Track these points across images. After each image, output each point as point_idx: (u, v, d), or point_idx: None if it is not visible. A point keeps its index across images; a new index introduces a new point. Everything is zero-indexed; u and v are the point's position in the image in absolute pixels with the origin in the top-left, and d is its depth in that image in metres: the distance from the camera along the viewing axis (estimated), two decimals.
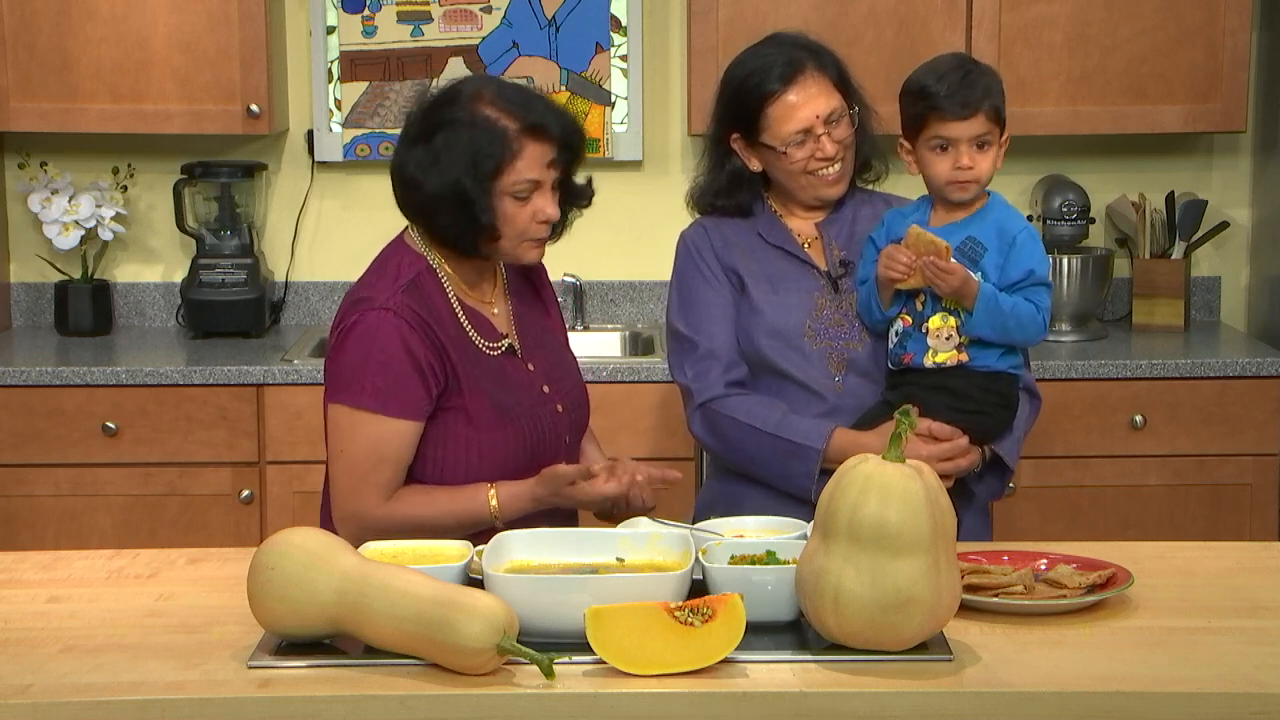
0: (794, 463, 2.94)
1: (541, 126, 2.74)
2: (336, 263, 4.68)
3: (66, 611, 2.47)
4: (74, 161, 4.56)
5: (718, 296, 3.06)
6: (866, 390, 3.00)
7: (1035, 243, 2.95)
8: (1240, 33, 4.32)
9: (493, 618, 2.17)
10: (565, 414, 2.91)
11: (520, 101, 2.76)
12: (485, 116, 2.72)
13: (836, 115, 3.00)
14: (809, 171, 3.02)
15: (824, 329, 3.02)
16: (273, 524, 4.08)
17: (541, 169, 2.75)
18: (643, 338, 4.55)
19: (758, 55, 3.07)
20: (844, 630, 2.24)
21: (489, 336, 2.85)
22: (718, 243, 3.09)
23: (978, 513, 3.07)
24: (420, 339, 2.74)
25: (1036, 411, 3.11)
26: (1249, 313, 4.71)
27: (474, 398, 2.79)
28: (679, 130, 4.63)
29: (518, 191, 2.74)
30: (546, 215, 2.78)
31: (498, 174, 2.72)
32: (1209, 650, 2.30)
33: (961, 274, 2.87)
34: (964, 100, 2.89)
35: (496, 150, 2.71)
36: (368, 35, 4.55)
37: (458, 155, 2.71)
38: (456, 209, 2.73)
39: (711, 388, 3.02)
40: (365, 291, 2.81)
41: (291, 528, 2.36)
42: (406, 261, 2.83)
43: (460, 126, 2.72)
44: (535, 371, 2.90)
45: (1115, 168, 4.66)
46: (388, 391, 2.72)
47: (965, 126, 2.90)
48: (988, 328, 2.90)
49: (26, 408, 4.09)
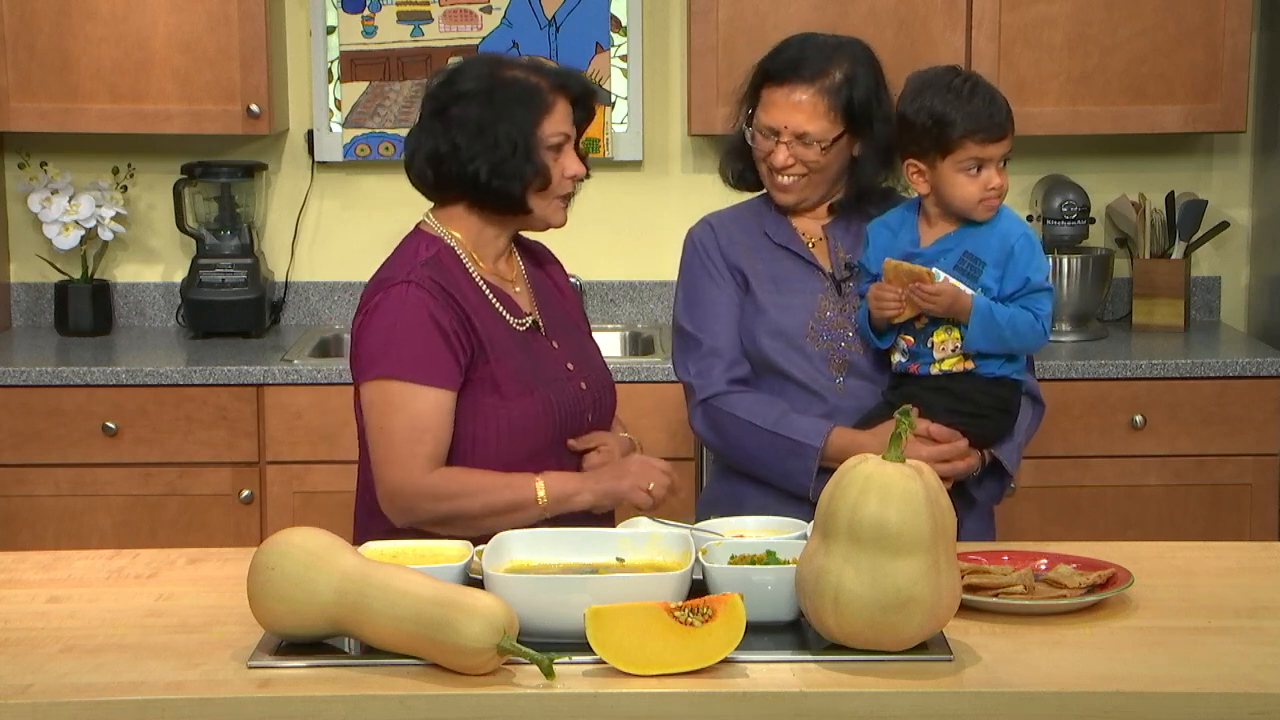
0: (792, 461, 2.94)
1: (564, 84, 2.85)
2: (336, 263, 4.69)
3: (66, 611, 2.47)
4: (74, 161, 4.56)
5: (722, 295, 3.06)
6: (867, 392, 3.00)
7: (1032, 248, 2.93)
8: (1240, 33, 4.32)
9: (493, 618, 2.17)
10: (589, 392, 2.93)
11: (534, 66, 2.87)
12: (513, 76, 2.82)
13: (812, 139, 2.97)
14: (768, 166, 3.02)
15: (826, 330, 3.02)
16: (273, 524, 4.08)
17: (569, 124, 2.85)
18: (643, 338, 4.55)
19: (791, 44, 3.04)
20: (844, 630, 2.24)
21: (514, 312, 2.88)
22: (724, 241, 3.09)
23: (981, 517, 3.06)
24: (445, 309, 2.77)
25: (1040, 417, 3.10)
26: (1249, 313, 4.71)
27: (500, 365, 2.81)
28: (679, 130, 4.63)
29: (554, 143, 2.81)
30: (574, 171, 2.85)
31: (537, 124, 2.80)
32: (1209, 650, 2.30)
33: (950, 293, 2.87)
34: (998, 122, 2.88)
35: (535, 102, 2.80)
36: (368, 35, 4.55)
37: (498, 111, 2.78)
38: (507, 161, 2.78)
39: (713, 385, 3.03)
40: (385, 273, 2.85)
41: (291, 528, 2.36)
42: (425, 243, 2.87)
43: (496, 88, 2.80)
44: (559, 350, 2.93)
45: (1115, 168, 4.66)
46: (419, 361, 2.74)
47: (999, 147, 2.89)
48: (984, 341, 2.89)
49: (26, 408, 4.09)
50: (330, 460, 4.11)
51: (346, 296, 4.68)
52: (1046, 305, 2.93)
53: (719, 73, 4.31)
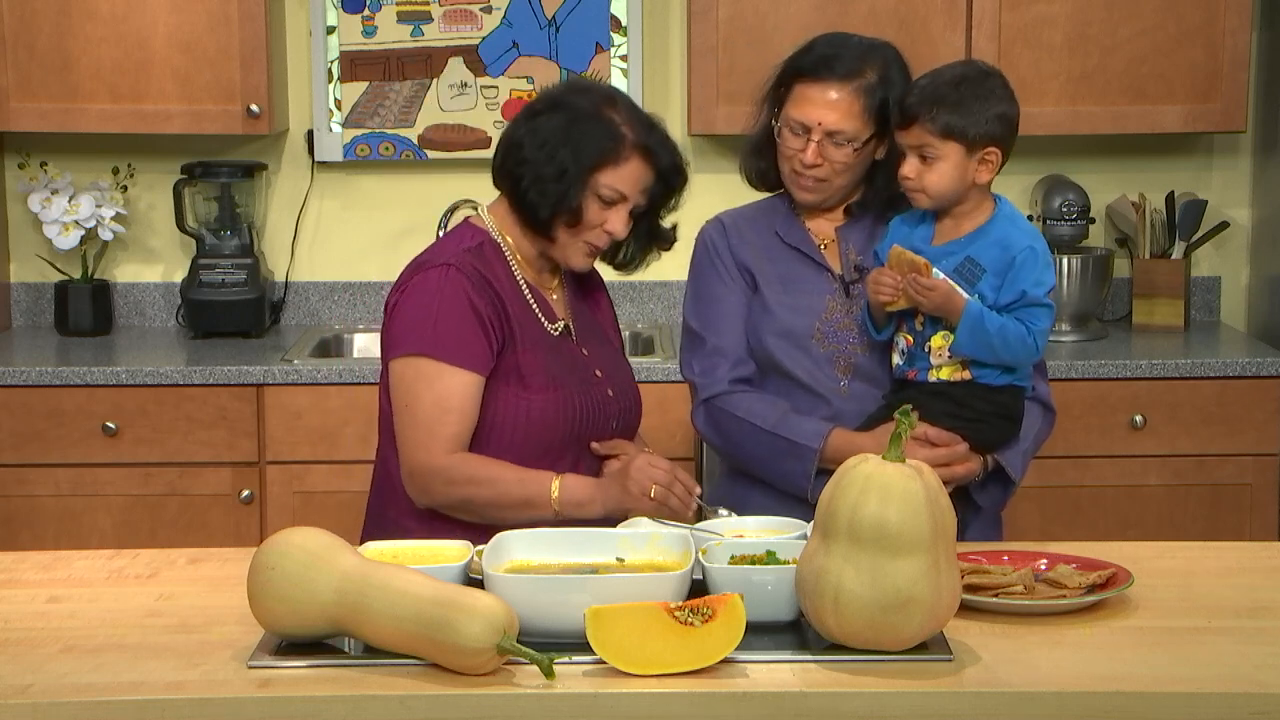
0: (791, 462, 2.94)
1: (653, 150, 2.84)
2: (336, 263, 4.69)
3: (66, 611, 2.47)
4: (74, 161, 4.56)
5: (730, 294, 3.07)
6: (870, 395, 3.00)
7: (1034, 263, 2.88)
8: (1240, 33, 4.32)
9: (493, 618, 2.17)
10: (615, 400, 2.94)
11: (646, 122, 2.87)
12: (611, 118, 2.83)
13: (844, 139, 2.96)
14: (793, 167, 3.02)
15: (832, 332, 3.02)
16: (273, 524, 4.08)
17: (635, 188, 2.84)
18: (643, 338, 4.55)
19: (822, 41, 3.02)
20: (844, 630, 2.24)
21: (548, 315, 2.91)
22: (734, 240, 3.09)
23: (988, 523, 3.05)
24: (481, 294, 2.80)
25: (1050, 425, 3.08)
26: (1249, 313, 4.71)
27: (528, 356, 2.83)
28: (679, 130, 4.62)
29: (606, 195, 2.82)
30: (613, 229, 2.85)
31: (598, 169, 2.80)
32: (1209, 650, 2.30)
33: (944, 290, 2.85)
34: (904, 107, 2.87)
35: (607, 147, 2.80)
36: (368, 35, 4.55)
37: (572, 136, 2.80)
38: (549, 182, 2.80)
39: (716, 384, 3.03)
40: (426, 256, 2.88)
41: (291, 528, 2.36)
42: (470, 234, 2.90)
43: (584, 114, 2.82)
44: (589, 356, 2.95)
45: (1115, 168, 4.66)
46: (450, 341, 2.77)
47: (904, 135, 2.87)
48: (971, 347, 2.87)
49: (26, 408, 4.09)
50: (330, 460, 4.11)
51: (346, 296, 4.68)
52: (1043, 321, 2.88)
53: (719, 73, 4.32)
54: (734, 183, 3.20)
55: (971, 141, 2.85)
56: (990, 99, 2.87)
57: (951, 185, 2.87)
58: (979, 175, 2.88)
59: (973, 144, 2.85)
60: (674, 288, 4.65)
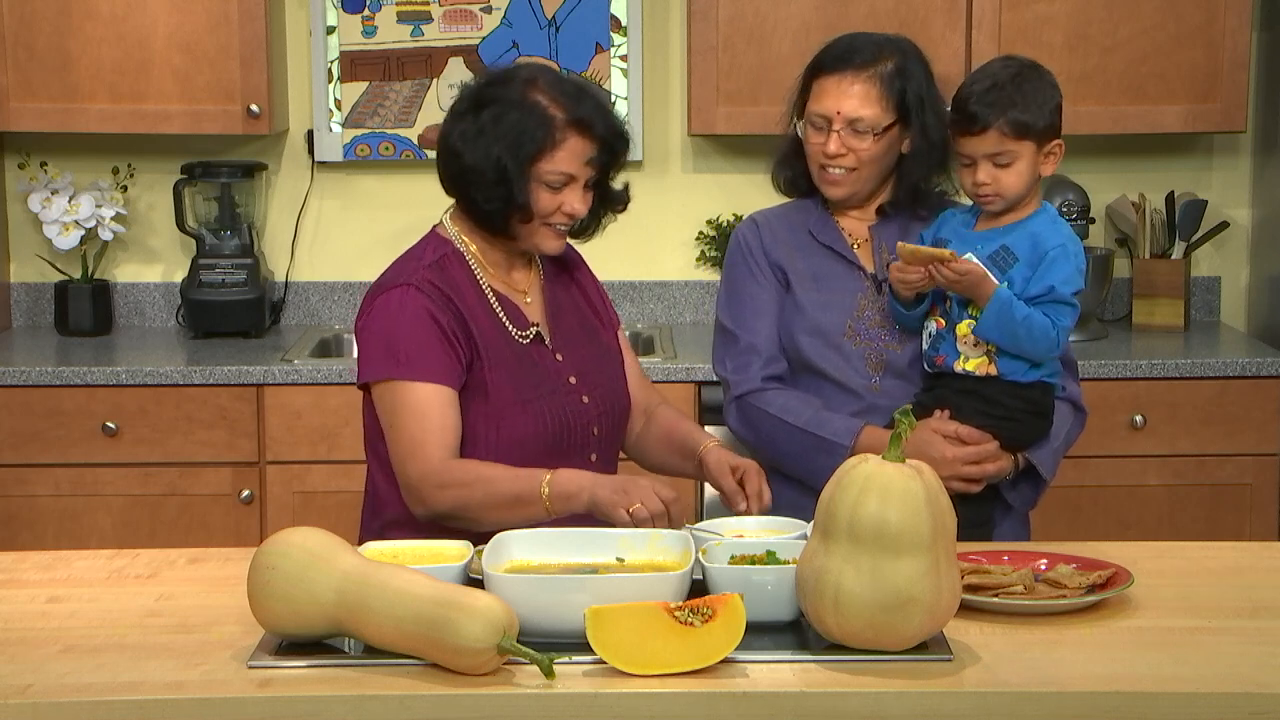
0: (822, 458, 2.93)
1: (587, 122, 2.78)
2: (336, 263, 4.69)
3: (66, 611, 2.47)
4: (74, 161, 4.56)
5: (763, 292, 3.08)
6: (902, 391, 3.00)
7: (1066, 261, 2.90)
8: (1240, 33, 4.32)
9: (493, 618, 2.17)
10: (592, 405, 2.90)
11: (573, 94, 2.80)
12: (536, 101, 2.77)
13: (865, 126, 2.96)
14: (819, 163, 3.02)
15: (865, 329, 3.02)
16: (273, 524, 4.08)
17: (579, 164, 2.79)
18: (643, 338, 4.55)
19: (841, 39, 3.05)
20: (844, 630, 2.24)
21: (518, 323, 2.87)
22: (767, 239, 3.10)
23: (1017, 522, 3.06)
24: (442, 310, 2.77)
25: (1081, 424, 3.10)
26: (1249, 313, 4.71)
27: (494, 374, 2.80)
28: (679, 130, 4.63)
29: (551, 181, 2.78)
30: (572, 209, 2.81)
31: (536, 159, 2.76)
32: (1209, 650, 2.30)
33: (979, 273, 2.86)
34: (970, 115, 2.88)
35: (540, 136, 2.75)
36: (368, 35, 4.55)
37: (502, 133, 2.75)
38: (492, 185, 2.76)
39: (749, 381, 3.04)
40: (386, 276, 2.86)
41: (291, 528, 2.36)
42: (432, 246, 2.87)
43: (509, 106, 2.77)
44: (564, 362, 2.91)
45: (1115, 168, 4.66)
46: (416, 359, 2.75)
47: (975, 142, 2.88)
48: (996, 332, 2.88)
49: (26, 408, 4.10)
50: (330, 460, 4.11)
51: (346, 296, 4.68)
52: (1067, 319, 2.90)
53: (719, 73, 4.32)
54: (734, 183, 3.22)
55: (1040, 136, 2.90)
56: (1049, 91, 2.93)
57: (1026, 184, 2.91)
58: (1044, 168, 2.93)
59: (1041, 139, 2.90)
60: (674, 288, 4.65)
